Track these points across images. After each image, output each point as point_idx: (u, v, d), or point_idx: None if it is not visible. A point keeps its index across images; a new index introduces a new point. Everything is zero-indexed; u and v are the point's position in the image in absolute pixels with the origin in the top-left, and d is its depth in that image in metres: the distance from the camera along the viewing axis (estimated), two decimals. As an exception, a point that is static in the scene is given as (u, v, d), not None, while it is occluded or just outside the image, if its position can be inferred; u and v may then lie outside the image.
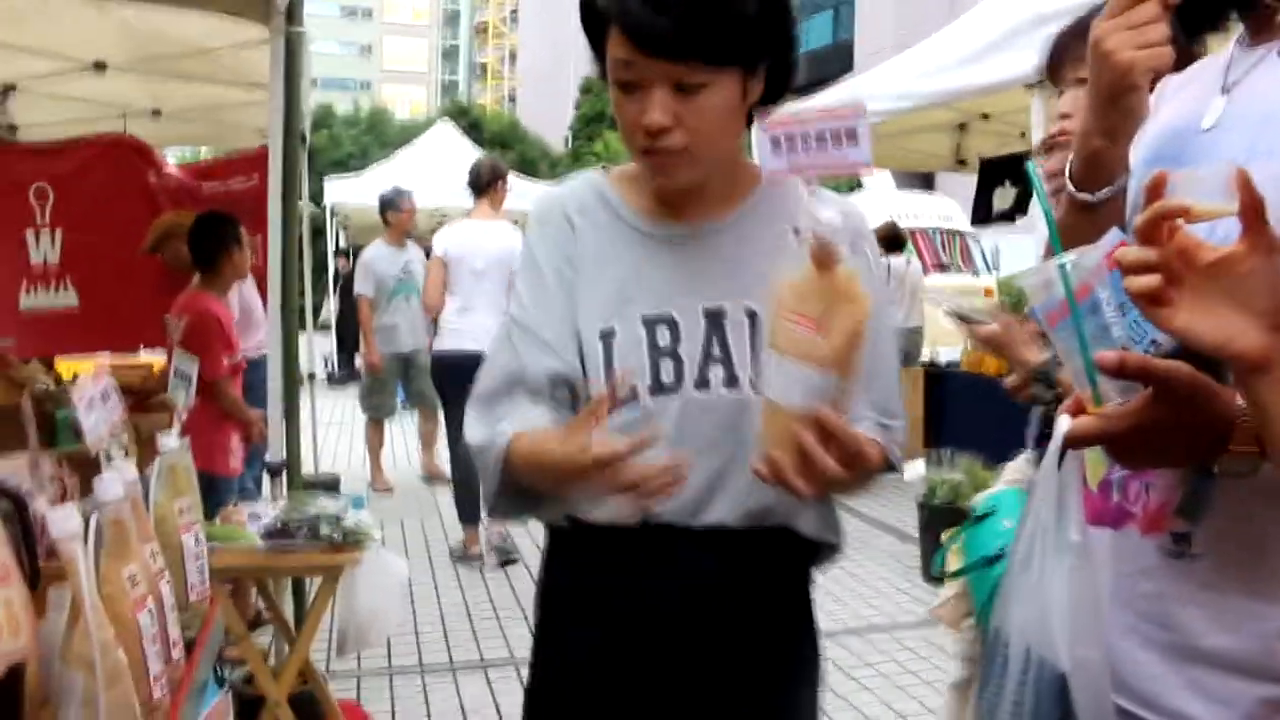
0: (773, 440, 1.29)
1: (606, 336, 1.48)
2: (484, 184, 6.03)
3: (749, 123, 1.48)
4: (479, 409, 1.50)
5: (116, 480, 1.29)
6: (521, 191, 8.85)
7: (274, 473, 3.85)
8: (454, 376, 5.51)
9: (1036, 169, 1.34)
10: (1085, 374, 1.11)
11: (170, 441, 1.61)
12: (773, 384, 1.30)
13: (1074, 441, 1.12)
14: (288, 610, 4.12)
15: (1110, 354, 1.05)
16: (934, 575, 5.58)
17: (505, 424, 1.45)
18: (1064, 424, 1.13)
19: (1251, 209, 0.89)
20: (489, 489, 1.49)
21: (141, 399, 4.04)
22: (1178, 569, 1.22)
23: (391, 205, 7.75)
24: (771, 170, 1.30)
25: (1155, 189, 0.93)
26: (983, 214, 7.56)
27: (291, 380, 3.95)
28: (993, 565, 2.19)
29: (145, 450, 1.78)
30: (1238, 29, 1.34)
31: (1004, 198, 7.24)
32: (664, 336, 1.47)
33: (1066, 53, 2.25)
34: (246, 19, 4.08)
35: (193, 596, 1.56)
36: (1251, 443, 1.06)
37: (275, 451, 3.89)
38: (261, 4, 3.78)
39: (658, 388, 1.46)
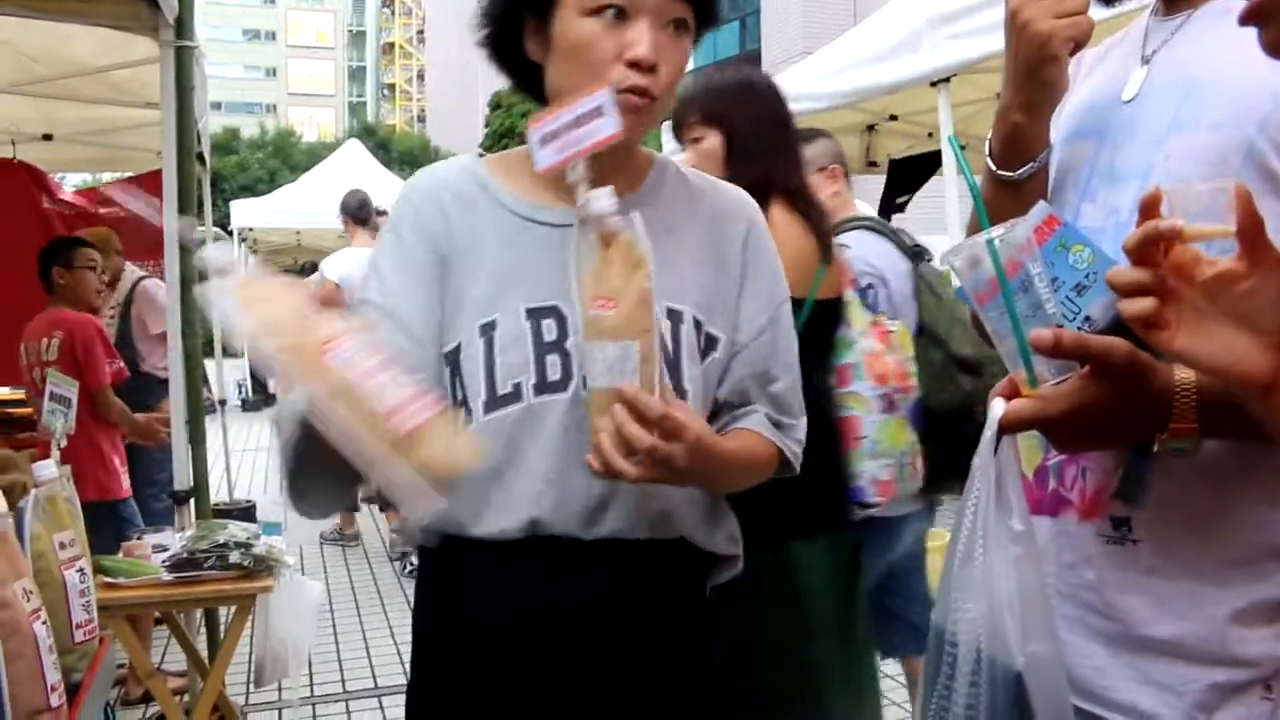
0: (596, 428, 1.25)
1: (487, 329, 1.35)
2: (365, 214, 6.88)
3: None
4: None
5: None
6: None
7: (180, 501, 3.70)
8: None
9: (957, 144, 1.30)
10: (1019, 354, 1.06)
11: (47, 471, 1.49)
12: (590, 373, 1.25)
13: (1010, 426, 1.07)
14: (200, 644, 3.97)
15: (1045, 332, 1.00)
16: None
17: None
18: (998, 408, 1.08)
19: (1251, 227, 0.83)
20: (284, 463, 1.29)
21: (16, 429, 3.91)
22: (1120, 555, 1.18)
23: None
24: (547, 165, 1.26)
25: (1150, 207, 0.88)
26: (889, 211, 7.67)
27: (196, 406, 3.80)
28: None
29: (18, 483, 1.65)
30: None
31: (909, 193, 7.35)
32: (550, 330, 1.34)
33: (687, 113, 2.27)
34: (135, 33, 3.92)
35: (78, 636, 1.44)
36: (1191, 420, 1.02)
37: (182, 479, 3.74)
38: (149, 16, 3.63)
39: (543, 385, 1.34)
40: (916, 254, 3.14)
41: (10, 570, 1.21)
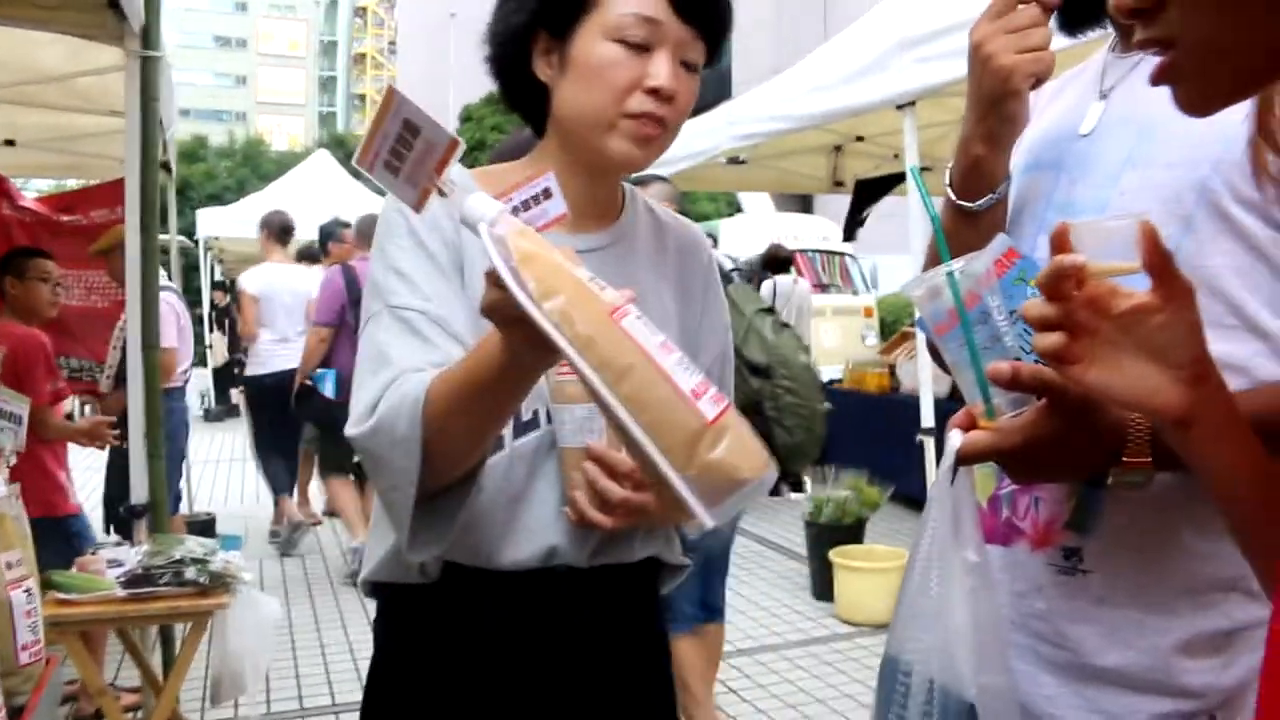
0: (570, 483, 1.33)
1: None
2: (287, 236, 7.45)
3: None
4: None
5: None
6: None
7: (137, 515, 3.65)
8: (275, 394, 6.79)
9: (918, 174, 1.31)
10: (977, 386, 1.06)
11: (-5, 489, 1.47)
12: (559, 433, 1.34)
13: (967, 457, 1.07)
14: (156, 660, 3.92)
15: (1003, 365, 1.00)
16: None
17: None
18: (955, 439, 1.08)
19: (1158, 263, 0.84)
20: (403, 464, 1.18)
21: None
22: (1070, 585, 1.18)
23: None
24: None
25: (1059, 241, 0.88)
26: (852, 231, 7.76)
27: (154, 419, 3.75)
28: None
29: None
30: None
31: (872, 213, 7.43)
32: None
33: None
34: (100, 42, 3.88)
35: (23, 658, 1.41)
36: (1145, 454, 1.02)
37: (139, 493, 3.69)
38: (114, 26, 3.60)
39: (520, 428, 1.34)
40: (726, 277, 3.60)
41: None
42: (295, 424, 7.05)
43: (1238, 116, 1.08)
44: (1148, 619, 1.14)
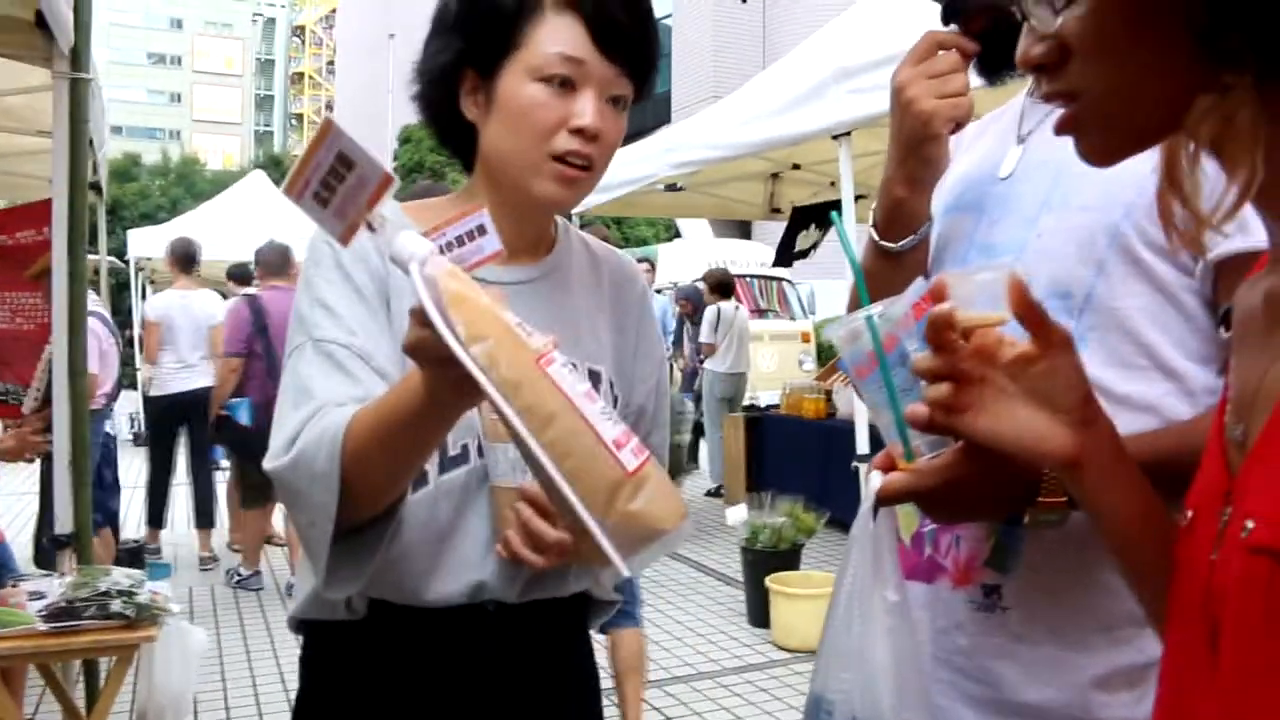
0: (502, 521, 1.31)
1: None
2: (190, 264, 7.48)
3: None
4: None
5: None
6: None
7: (60, 546, 3.57)
8: (179, 415, 7.33)
9: (840, 220, 1.33)
10: (895, 428, 1.08)
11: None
12: (492, 471, 1.33)
13: (886, 498, 1.08)
14: (78, 693, 3.82)
15: (920, 408, 1.01)
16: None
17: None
18: (876, 480, 1.10)
19: (1029, 314, 0.87)
20: (321, 499, 1.16)
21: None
22: (990, 622, 1.20)
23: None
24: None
25: (936, 292, 0.90)
26: (786, 257, 7.82)
27: (81, 447, 3.68)
28: None
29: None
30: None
31: (806, 239, 7.49)
32: None
33: None
34: (28, 63, 3.82)
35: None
36: (1059, 493, 1.05)
37: (64, 523, 3.61)
38: (43, 47, 3.55)
39: (447, 463, 1.33)
40: None
41: None
42: (200, 447, 7.51)
43: (1149, 165, 1.12)
44: (1065, 655, 1.16)
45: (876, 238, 1.33)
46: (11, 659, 3.05)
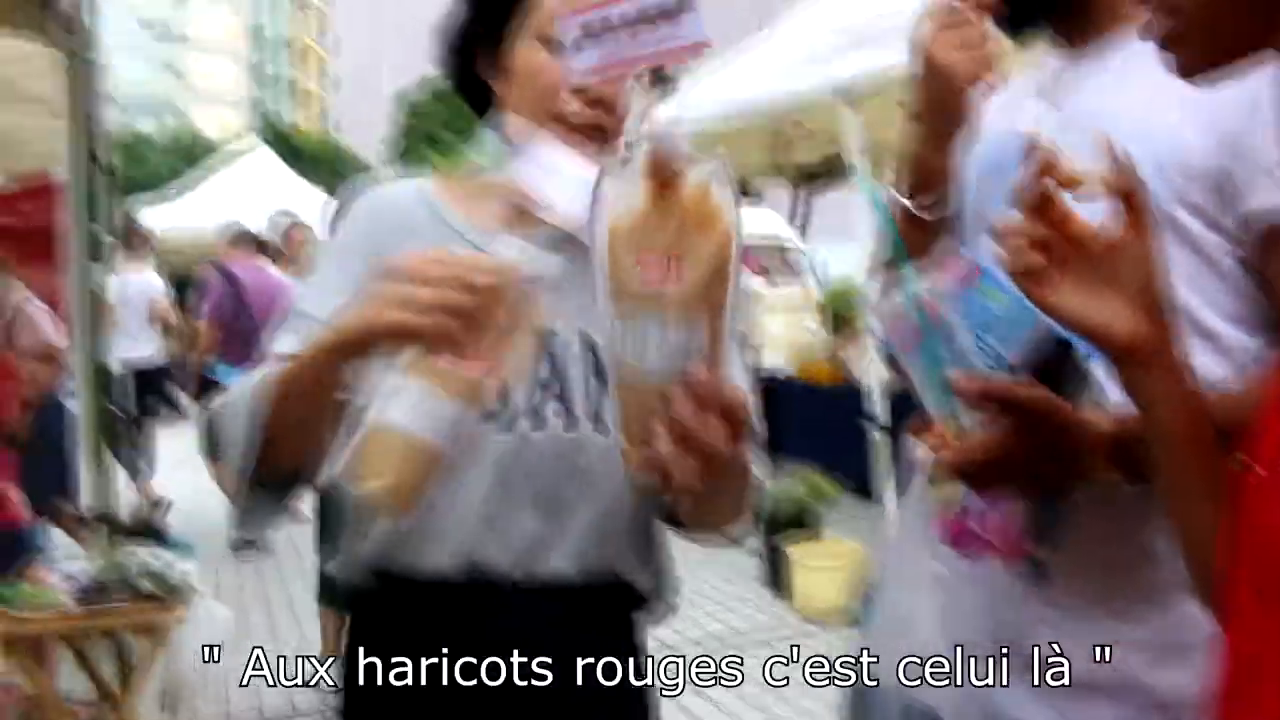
0: (637, 421, 0.92)
1: None
2: (135, 240, 8.08)
3: None
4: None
5: None
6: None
7: (88, 524, 3.58)
8: (118, 383, 7.19)
9: (868, 184, 1.33)
10: (943, 402, 1.08)
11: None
12: (625, 349, 0.92)
13: (936, 473, 1.09)
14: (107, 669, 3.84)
15: (971, 382, 1.02)
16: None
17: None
18: (922, 455, 1.10)
19: (1130, 195, 0.88)
20: (236, 440, 1.17)
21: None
22: (1036, 595, 1.20)
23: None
24: (577, 71, 0.96)
25: (1047, 167, 0.90)
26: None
27: (106, 423, 3.68)
28: None
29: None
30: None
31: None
32: None
33: None
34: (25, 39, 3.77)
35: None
36: (1107, 466, 1.05)
37: (89, 500, 3.62)
38: (50, 29, 3.52)
39: (485, 414, 1.26)
40: None
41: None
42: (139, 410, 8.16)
43: (1181, 118, 1.12)
44: (1113, 625, 1.16)
45: (903, 200, 1.33)
46: (45, 638, 3.07)
